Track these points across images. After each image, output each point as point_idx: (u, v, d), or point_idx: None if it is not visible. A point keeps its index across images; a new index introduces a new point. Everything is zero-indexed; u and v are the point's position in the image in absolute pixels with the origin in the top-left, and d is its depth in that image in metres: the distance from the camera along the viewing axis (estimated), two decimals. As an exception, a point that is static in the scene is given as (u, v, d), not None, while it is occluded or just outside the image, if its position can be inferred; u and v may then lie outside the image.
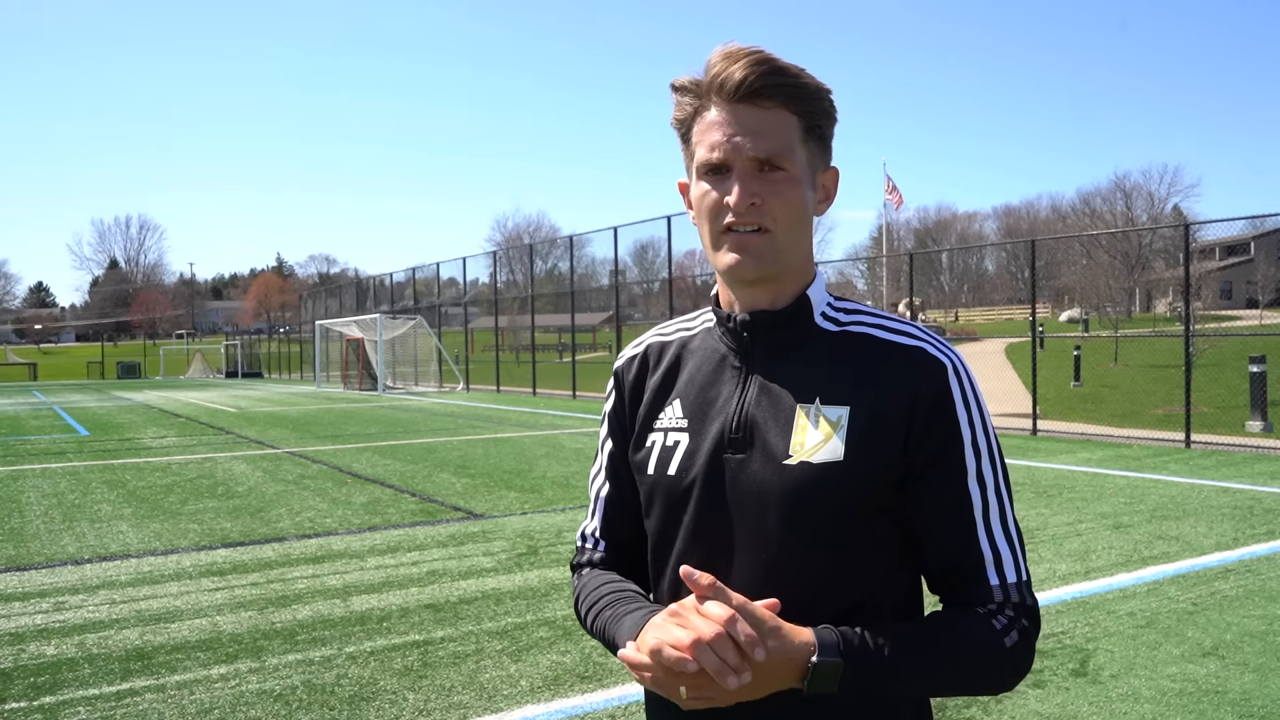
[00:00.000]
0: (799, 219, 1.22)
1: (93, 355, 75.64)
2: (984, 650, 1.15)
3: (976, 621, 1.17)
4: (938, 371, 1.21)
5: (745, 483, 1.22)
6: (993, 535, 1.20)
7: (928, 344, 1.23)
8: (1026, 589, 1.21)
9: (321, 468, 12.16)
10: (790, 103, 1.19)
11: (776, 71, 1.18)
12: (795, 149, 1.20)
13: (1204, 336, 19.34)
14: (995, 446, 1.24)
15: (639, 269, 65.49)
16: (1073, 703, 4.03)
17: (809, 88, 1.20)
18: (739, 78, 1.17)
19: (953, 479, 1.20)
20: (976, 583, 1.20)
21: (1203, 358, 18.80)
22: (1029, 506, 8.43)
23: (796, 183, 1.20)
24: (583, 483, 10.29)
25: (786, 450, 1.21)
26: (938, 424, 1.20)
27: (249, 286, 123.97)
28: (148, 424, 20.19)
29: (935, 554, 1.22)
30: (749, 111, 1.18)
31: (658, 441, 1.32)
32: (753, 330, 1.26)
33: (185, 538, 7.74)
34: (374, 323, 34.06)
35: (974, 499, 1.20)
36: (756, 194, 1.18)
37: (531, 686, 4.33)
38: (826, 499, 1.18)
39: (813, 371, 1.24)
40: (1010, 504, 1.24)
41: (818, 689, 1.08)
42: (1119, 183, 71.98)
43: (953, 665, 1.15)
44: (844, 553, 1.20)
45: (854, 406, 1.20)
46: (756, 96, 1.18)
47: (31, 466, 12.79)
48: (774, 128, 1.18)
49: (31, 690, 4.34)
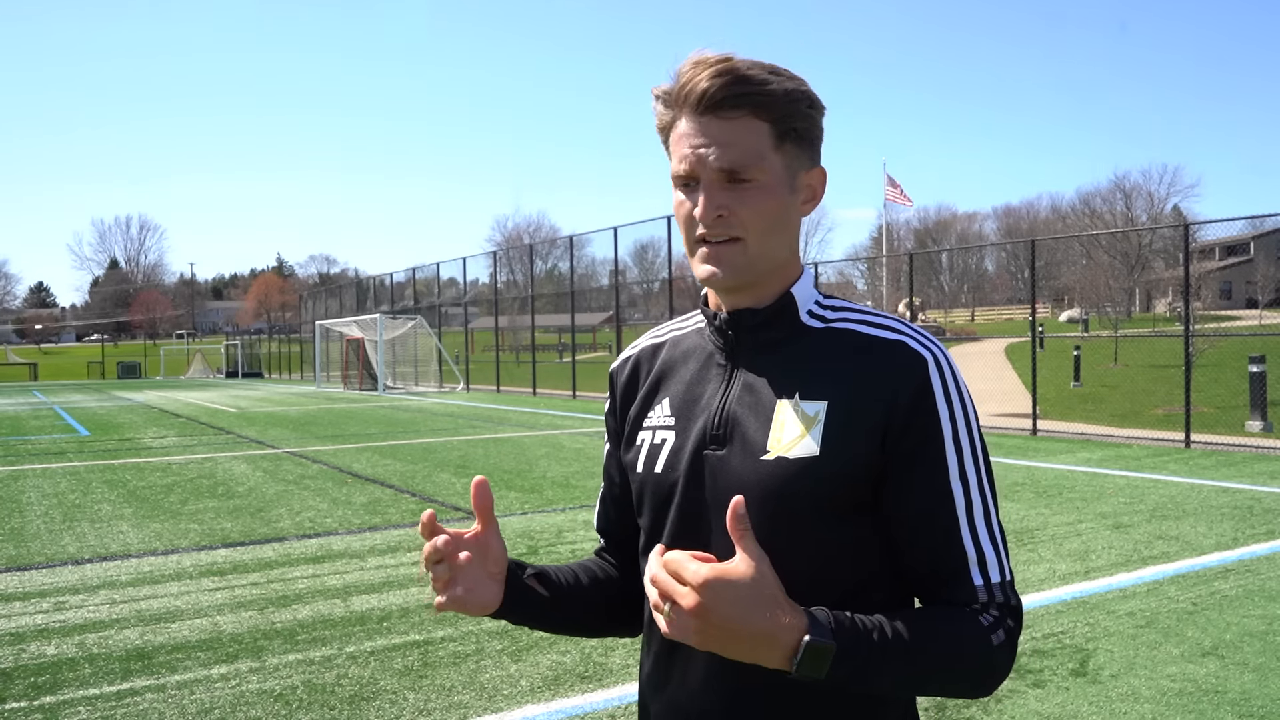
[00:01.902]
0: (771, 226, 1.21)
1: (93, 355, 75.69)
2: (973, 648, 1.13)
3: (962, 618, 1.15)
4: (917, 365, 1.19)
5: (725, 478, 1.22)
6: (976, 534, 1.18)
7: (909, 338, 1.22)
8: (1010, 589, 1.19)
9: (322, 468, 12.16)
10: (758, 111, 1.18)
11: (741, 81, 1.17)
12: (766, 156, 1.19)
13: (1204, 336, 19.34)
14: (979, 444, 1.21)
15: (639, 269, 65.54)
16: (1073, 703, 4.04)
17: (777, 93, 1.18)
18: (702, 89, 1.17)
19: (933, 476, 1.18)
20: (960, 582, 1.17)
21: (1202, 358, 18.80)
22: (1029, 506, 8.43)
23: (767, 190, 1.19)
24: (582, 483, 10.31)
25: (764, 445, 1.20)
26: (917, 419, 1.18)
27: (249, 286, 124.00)
28: (148, 424, 20.19)
29: (916, 553, 1.19)
30: (714, 123, 1.18)
31: (646, 440, 1.33)
32: (737, 328, 1.27)
33: (185, 538, 7.74)
34: (374, 323, 34.06)
35: (956, 496, 1.18)
36: (723, 206, 1.19)
37: (531, 686, 4.33)
38: (803, 494, 1.18)
39: (795, 367, 1.24)
40: (994, 503, 1.21)
41: (806, 673, 1.04)
42: (1119, 183, 72.15)
43: (943, 659, 1.12)
44: (825, 549, 1.19)
45: (832, 401, 1.19)
46: (720, 108, 1.17)
47: (32, 466, 12.80)
48: (740, 138, 1.18)
49: (32, 690, 4.34)
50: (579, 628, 1.44)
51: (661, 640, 1.28)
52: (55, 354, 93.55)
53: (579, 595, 1.40)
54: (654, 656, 1.32)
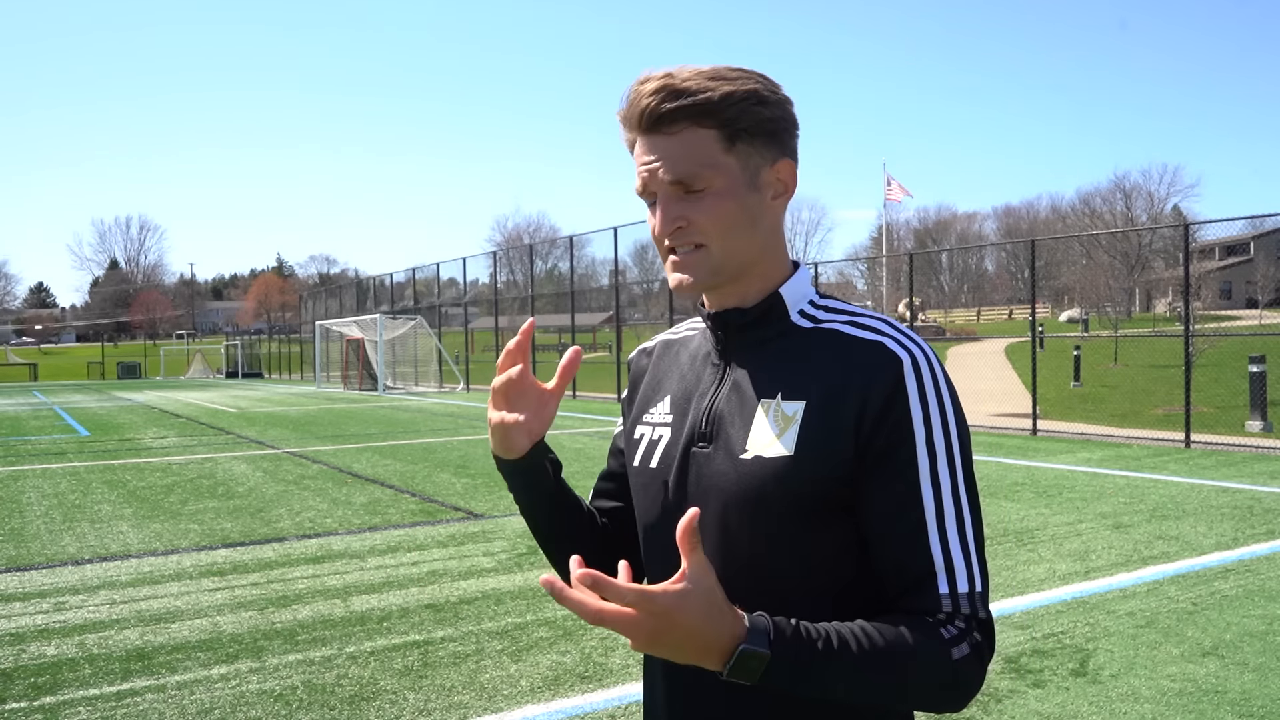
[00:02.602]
0: (732, 227, 1.22)
1: (93, 355, 75.68)
2: (929, 660, 1.09)
3: (922, 628, 1.11)
4: (892, 365, 1.18)
5: (707, 477, 1.24)
6: (946, 541, 1.14)
7: (889, 338, 1.21)
8: (980, 601, 1.14)
9: (322, 468, 12.16)
10: (699, 120, 1.19)
11: (675, 94, 1.18)
12: (717, 162, 1.20)
13: (1204, 336, 19.32)
14: (956, 449, 1.18)
15: (639, 269, 65.48)
16: (1073, 703, 4.04)
17: (715, 99, 1.19)
18: (640, 109, 1.20)
19: (902, 479, 1.15)
20: (923, 590, 1.14)
21: (1202, 358, 18.81)
22: (1029, 506, 8.43)
23: (723, 194, 1.21)
24: (583, 483, 10.24)
25: (744, 445, 1.22)
26: (889, 420, 1.16)
27: (249, 287, 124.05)
28: (148, 424, 20.19)
29: (883, 557, 1.17)
30: (659, 140, 1.20)
31: (645, 435, 1.36)
32: (725, 328, 1.29)
33: (185, 538, 7.74)
34: (374, 323, 34.06)
35: (925, 501, 1.15)
36: (680, 217, 1.21)
37: (531, 686, 4.33)
38: (777, 494, 1.18)
39: (780, 367, 1.25)
40: (971, 510, 1.17)
41: (737, 677, 1.03)
42: (1119, 183, 72.21)
43: (895, 671, 1.09)
44: (802, 551, 1.19)
45: (809, 402, 1.19)
46: (661, 123, 1.19)
47: (32, 467, 12.80)
48: (685, 150, 1.19)
49: (32, 690, 4.34)
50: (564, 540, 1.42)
51: None
52: (55, 354, 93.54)
53: (578, 513, 1.44)
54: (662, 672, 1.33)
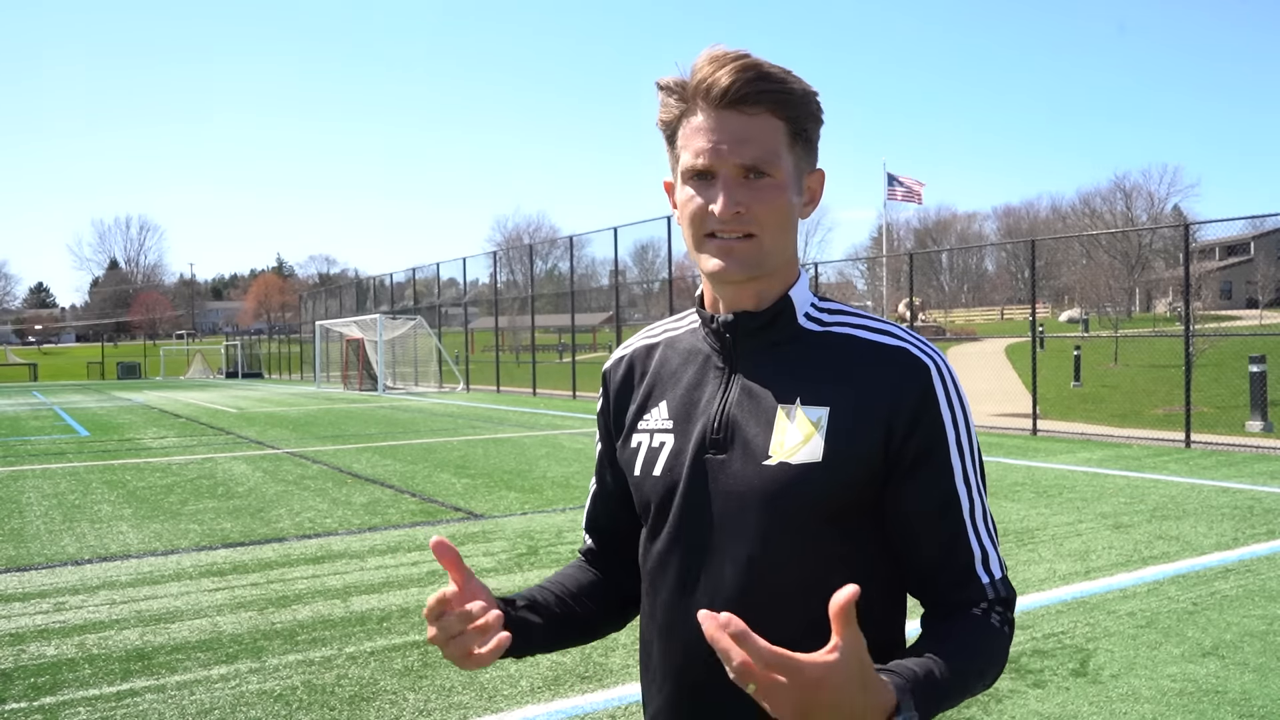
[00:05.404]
0: (784, 223, 1.22)
1: (93, 356, 75.62)
2: (1000, 652, 1.19)
3: (987, 628, 1.19)
4: (921, 373, 1.21)
5: (726, 483, 1.23)
6: (979, 534, 1.22)
7: (911, 345, 1.23)
8: (1006, 583, 1.24)
9: (321, 468, 12.16)
10: (777, 108, 1.19)
11: (763, 77, 1.17)
12: (781, 154, 1.20)
13: (1204, 336, 19.32)
14: (976, 447, 1.26)
15: (639, 269, 65.52)
16: (1073, 703, 4.04)
17: (795, 92, 1.20)
18: (725, 84, 1.17)
19: (941, 480, 1.21)
20: (970, 581, 1.21)
21: (1203, 358, 18.80)
22: (1029, 506, 8.43)
23: (782, 188, 1.20)
24: (582, 483, 10.30)
25: (766, 450, 1.21)
26: (922, 426, 1.20)
27: (249, 287, 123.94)
28: (148, 424, 20.19)
29: (924, 554, 1.22)
30: (734, 118, 1.18)
31: (644, 443, 1.34)
32: (735, 331, 1.27)
33: (185, 538, 7.74)
34: (374, 323, 34.06)
35: (962, 499, 1.22)
36: (741, 202, 1.18)
37: (531, 686, 4.33)
38: (805, 499, 1.18)
39: (795, 372, 1.25)
40: (986, 501, 1.26)
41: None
42: (1119, 183, 72.13)
43: (981, 679, 1.17)
44: (824, 554, 1.20)
45: (834, 407, 1.20)
46: (742, 103, 1.17)
47: (32, 467, 12.79)
48: (760, 134, 1.18)
49: (32, 690, 4.34)
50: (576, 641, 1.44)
51: (674, 679, 1.28)
52: (55, 354, 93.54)
53: (571, 614, 1.39)
54: (665, 695, 1.31)
